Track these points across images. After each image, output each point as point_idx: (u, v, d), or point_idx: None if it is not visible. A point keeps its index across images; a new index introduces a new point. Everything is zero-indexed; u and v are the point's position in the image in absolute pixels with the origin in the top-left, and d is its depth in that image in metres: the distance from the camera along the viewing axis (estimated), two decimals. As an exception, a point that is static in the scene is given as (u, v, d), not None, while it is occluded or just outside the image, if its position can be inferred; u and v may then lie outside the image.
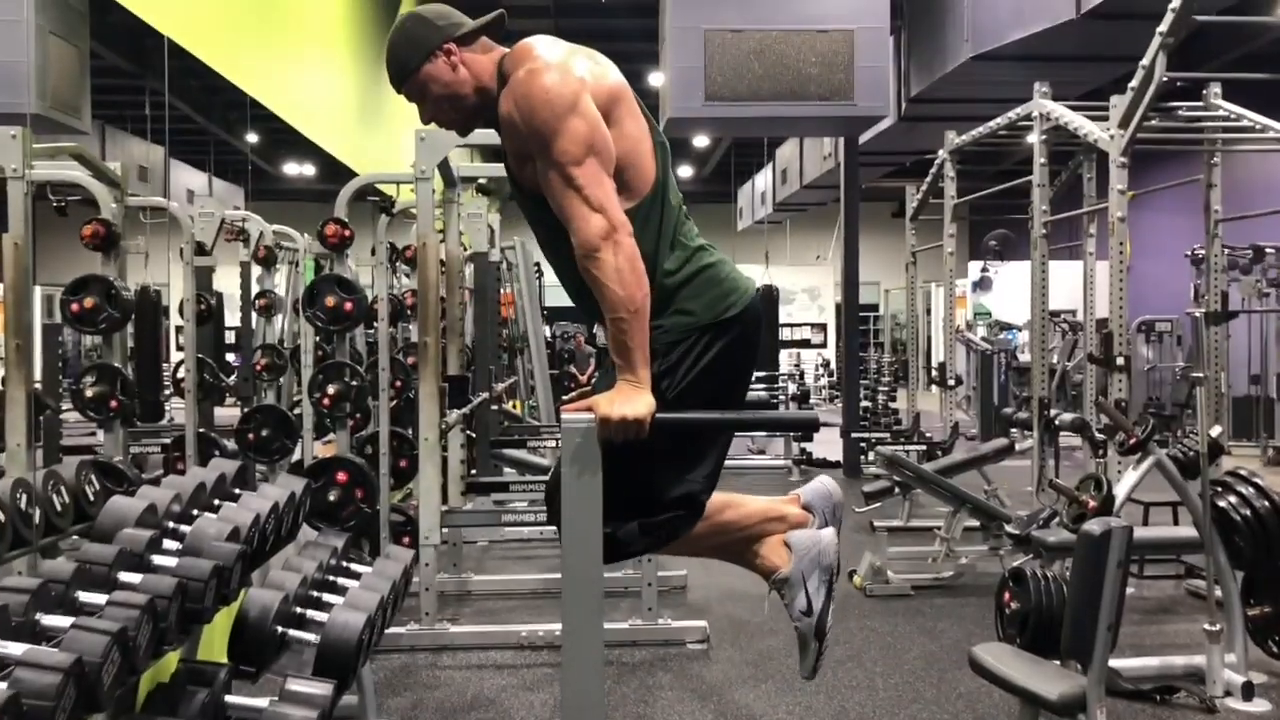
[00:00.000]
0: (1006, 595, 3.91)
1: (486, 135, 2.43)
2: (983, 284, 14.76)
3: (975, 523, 5.76)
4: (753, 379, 2.33)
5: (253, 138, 15.49)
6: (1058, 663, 3.25)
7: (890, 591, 5.33)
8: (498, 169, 7.71)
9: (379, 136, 11.16)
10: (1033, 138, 6.07)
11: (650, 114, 2.28)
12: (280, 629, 2.61)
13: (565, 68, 2.10)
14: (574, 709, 1.79)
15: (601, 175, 2.06)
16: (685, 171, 21.27)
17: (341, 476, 4.84)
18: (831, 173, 11.99)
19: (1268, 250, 10.21)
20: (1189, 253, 10.18)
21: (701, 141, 17.67)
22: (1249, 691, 3.74)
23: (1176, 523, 5.45)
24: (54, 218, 6.15)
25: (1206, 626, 3.80)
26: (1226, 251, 7.59)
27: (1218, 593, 3.90)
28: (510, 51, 2.21)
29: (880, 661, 4.33)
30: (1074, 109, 5.71)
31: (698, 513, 2.28)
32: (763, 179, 17.08)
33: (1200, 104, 5.90)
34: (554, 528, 2.28)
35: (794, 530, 2.43)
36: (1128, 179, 5.04)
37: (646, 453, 2.10)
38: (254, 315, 7.40)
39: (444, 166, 4.76)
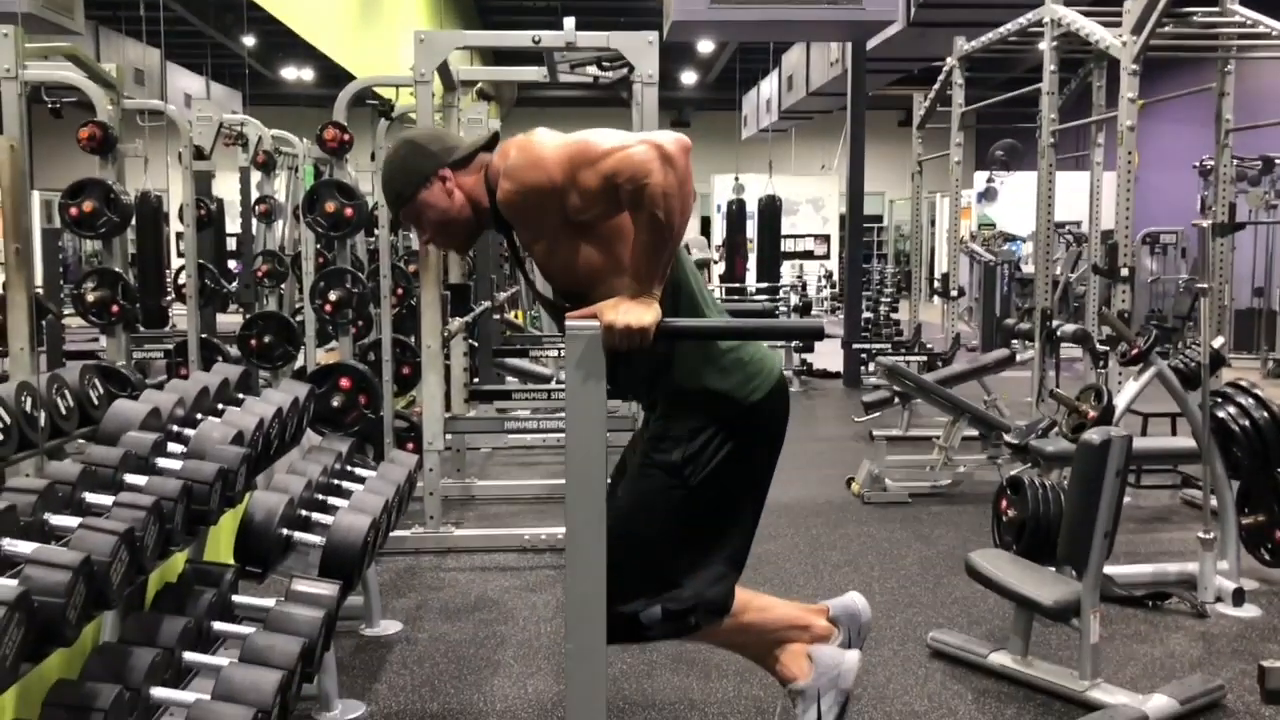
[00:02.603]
0: (1004, 503, 3.96)
1: (486, 36, 2.39)
2: (988, 194, 14.63)
3: (974, 432, 5.80)
4: (779, 459, 2.33)
5: (250, 41, 15.22)
6: (1053, 569, 3.30)
7: (888, 499, 5.39)
8: (498, 72, 7.60)
9: (378, 39, 10.97)
10: (1043, 44, 5.95)
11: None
12: (285, 531, 2.64)
13: (554, 140, 2.09)
14: (578, 608, 1.82)
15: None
16: (689, 78, 20.94)
17: (345, 383, 4.85)
18: (838, 80, 11.79)
19: (1278, 161, 10.10)
20: (1197, 164, 10.06)
21: (706, 47, 17.37)
22: (1239, 597, 3.81)
23: (1175, 434, 5.48)
24: (50, 121, 6.09)
25: (1200, 534, 3.85)
26: (1236, 162, 7.50)
27: (1213, 502, 3.94)
28: (493, 158, 2.21)
29: (877, 567, 4.40)
30: (1086, 14, 5.59)
31: (724, 604, 2.28)
32: (768, 86, 16.81)
33: (1216, 9, 5.77)
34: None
35: (818, 644, 2.47)
36: (1139, 87, 4.96)
37: (673, 528, 2.17)
38: (254, 221, 7.37)
39: (443, 70, 4.69)
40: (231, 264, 8.25)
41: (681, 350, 2.18)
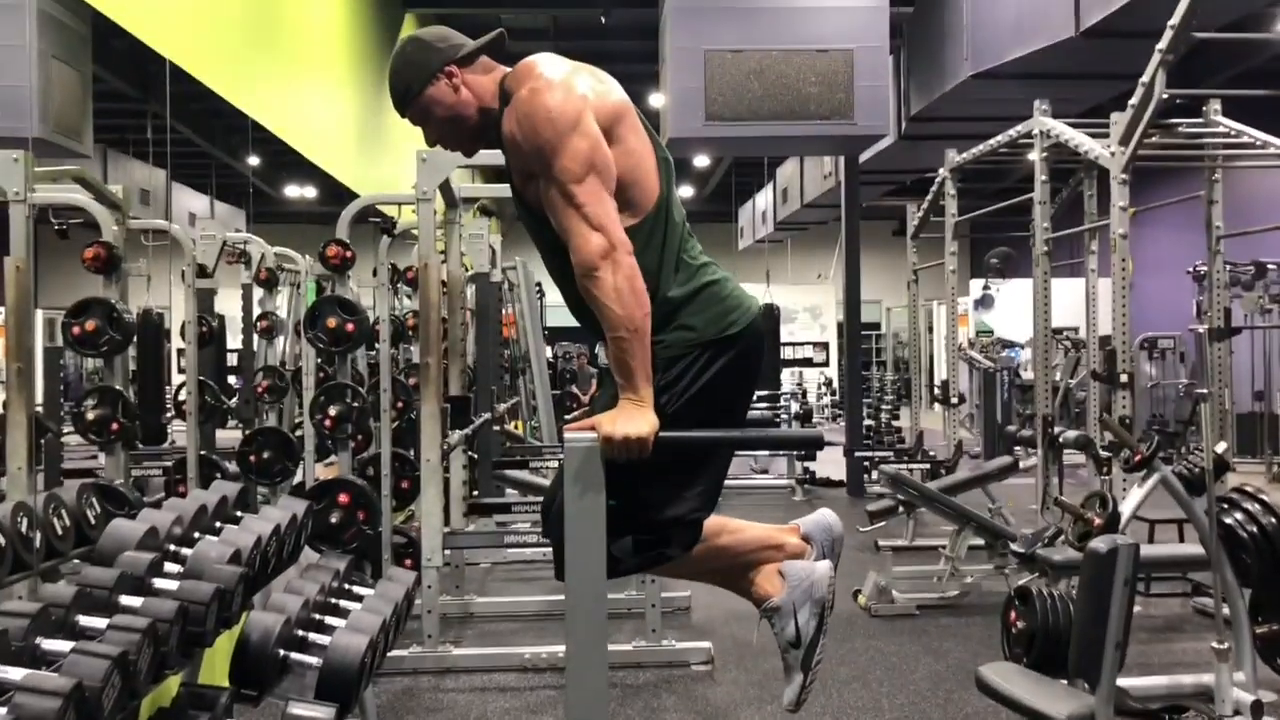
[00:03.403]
0: (1012, 614, 3.88)
1: (488, 156, 2.44)
2: (985, 302, 14.75)
3: (980, 541, 5.73)
4: (754, 397, 2.31)
5: (254, 160, 15.50)
6: (1065, 682, 3.23)
7: (895, 611, 5.31)
8: (499, 189, 7.75)
9: (380, 158, 11.20)
10: (1033, 155, 6.07)
11: (654, 131, 2.28)
12: (282, 652, 2.59)
13: (568, 86, 2.10)
14: (578, 732, 1.78)
15: (602, 193, 2.06)
16: (686, 191, 21.30)
17: (343, 498, 4.82)
18: (832, 191, 12.00)
19: (1270, 266, 10.20)
20: (1191, 269, 10.17)
21: (702, 161, 17.68)
22: (1258, 710, 3.71)
23: (1182, 540, 5.42)
24: (56, 241, 6.17)
25: (1214, 644, 3.77)
26: (1228, 268, 7.58)
27: (1225, 610, 3.87)
28: (512, 70, 2.22)
29: (886, 682, 4.31)
30: (1074, 126, 5.72)
31: (695, 534, 2.26)
32: (763, 198, 17.10)
33: (1200, 120, 5.91)
34: (549, 540, 2.28)
35: (790, 560, 2.43)
36: (1129, 195, 5.04)
37: (645, 468, 2.09)
38: (255, 337, 7.40)
39: (445, 188, 4.77)
40: (232, 380, 8.27)
41: (655, 284, 2.15)
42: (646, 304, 2.04)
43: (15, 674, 1.81)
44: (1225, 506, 3.95)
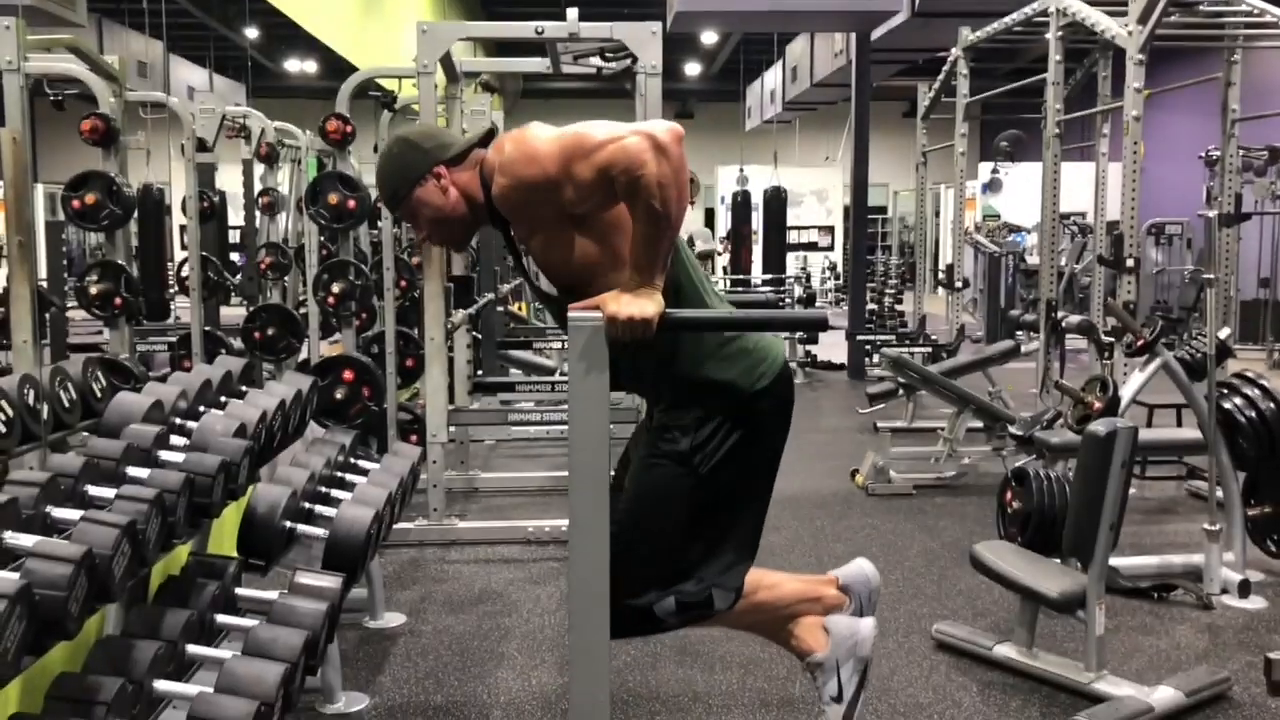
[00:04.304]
0: (1009, 495, 3.94)
1: (489, 27, 2.38)
2: (993, 185, 14.59)
3: (979, 424, 5.78)
4: (785, 444, 2.32)
5: (253, 33, 15.21)
6: (1058, 561, 3.29)
7: (892, 490, 5.38)
8: (501, 63, 7.60)
9: (381, 30, 10.96)
10: (1048, 34, 5.92)
11: None
12: (289, 524, 2.64)
13: (548, 131, 2.09)
14: (581, 600, 1.82)
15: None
16: (692, 69, 20.90)
17: (348, 375, 4.85)
18: (842, 71, 11.75)
19: (1285, 151, 10.05)
20: (1203, 154, 10.02)
21: (710, 38, 17.32)
22: (1245, 589, 3.79)
23: (1180, 425, 5.46)
24: (52, 114, 6.08)
25: (1206, 526, 3.83)
26: (1242, 152, 7.46)
27: (1219, 493, 3.93)
28: (487, 152, 2.19)
29: (881, 558, 4.39)
30: (1091, 4, 5.56)
31: (736, 590, 2.27)
32: (772, 77, 16.77)
33: (1222, -1, 5.74)
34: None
35: (832, 614, 2.48)
36: (1144, 77, 4.94)
37: (683, 520, 2.16)
38: (257, 213, 7.36)
39: (446, 61, 4.67)
40: (234, 256, 8.25)
41: (684, 341, 2.17)
42: (687, 196, 2.00)
43: (27, 541, 1.85)
44: (1225, 391, 3.97)
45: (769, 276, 10.58)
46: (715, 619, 2.32)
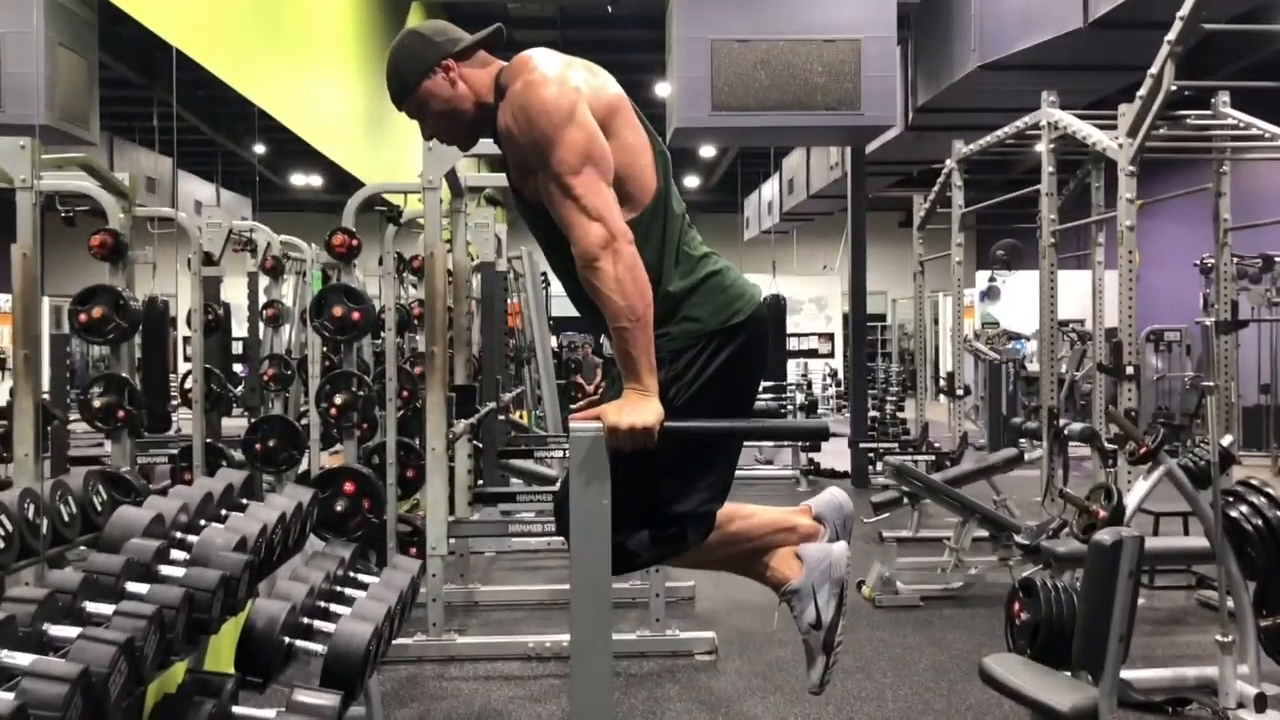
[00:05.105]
0: (1016, 606, 3.89)
1: (493, 146, 2.44)
2: (990, 293, 14.72)
3: (985, 533, 5.73)
4: (760, 386, 2.32)
5: (260, 149, 15.49)
6: (1068, 674, 3.23)
7: (899, 602, 5.31)
8: (504, 179, 7.71)
9: (386, 147, 11.19)
10: (1040, 146, 6.05)
11: (650, 125, 2.28)
12: (287, 639, 2.60)
13: (562, 79, 2.11)
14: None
15: (600, 184, 2.06)
16: (691, 181, 21.26)
17: (348, 487, 4.83)
18: (838, 182, 11.98)
19: (1277, 259, 10.17)
20: (1198, 262, 10.14)
21: (708, 151, 17.66)
22: (1262, 703, 3.71)
23: (1187, 533, 5.42)
24: (62, 228, 6.17)
25: (1218, 637, 3.77)
26: (1236, 260, 7.56)
27: (1230, 603, 3.87)
28: (508, 65, 2.22)
29: (889, 673, 4.31)
30: (1082, 118, 5.69)
31: (708, 524, 2.27)
32: (769, 189, 17.07)
33: (1209, 112, 5.88)
34: (562, 538, 2.28)
35: (805, 542, 2.43)
36: (1136, 187, 5.03)
37: (655, 462, 2.10)
38: (261, 325, 7.41)
39: (451, 176, 4.77)
40: (237, 368, 8.28)
41: (659, 275, 2.16)
42: (649, 293, 2.05)
43: (23, 659, 1.82)
44: (1230, 499, 3.95)
45: (770, 384, 10.60)
46: (689, 555, 2.29)
